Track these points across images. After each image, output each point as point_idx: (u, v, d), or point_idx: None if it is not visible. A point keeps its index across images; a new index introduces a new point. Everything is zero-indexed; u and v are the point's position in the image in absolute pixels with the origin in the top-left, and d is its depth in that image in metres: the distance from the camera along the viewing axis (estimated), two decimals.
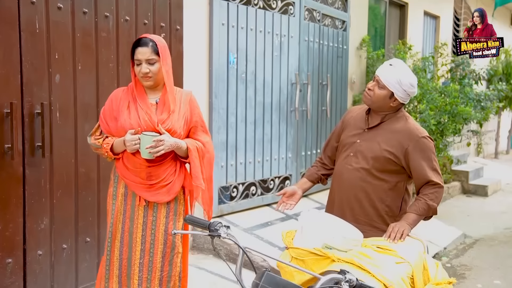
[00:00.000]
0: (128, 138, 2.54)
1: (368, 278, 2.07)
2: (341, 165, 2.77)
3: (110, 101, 2.70)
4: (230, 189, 5.00)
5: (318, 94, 6.12)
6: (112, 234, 2.70)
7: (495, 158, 12.05)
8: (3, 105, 3.00)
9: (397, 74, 2.61)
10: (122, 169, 2.66)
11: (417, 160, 2.61)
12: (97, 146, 2.70)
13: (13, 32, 3.03)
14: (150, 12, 3.92)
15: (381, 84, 2.63)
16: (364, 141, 2.71)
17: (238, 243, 1.85)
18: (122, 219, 2.68)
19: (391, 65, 2.65)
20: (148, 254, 2.66)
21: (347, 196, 2.72)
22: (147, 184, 2.62)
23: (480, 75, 8.48)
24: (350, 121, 2.84)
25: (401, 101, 2.66)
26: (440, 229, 6.23)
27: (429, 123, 6.35)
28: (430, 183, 2.63)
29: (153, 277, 2.67)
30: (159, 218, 2.67)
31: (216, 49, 4.69)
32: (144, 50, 2.59)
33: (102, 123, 2.70)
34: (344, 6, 6.59)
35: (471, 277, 4.87)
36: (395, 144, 2.63)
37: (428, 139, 2.67)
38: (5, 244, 3.05)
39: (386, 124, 2.70)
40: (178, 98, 2.70)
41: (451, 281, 2.30)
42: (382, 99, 2.65)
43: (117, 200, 2.70)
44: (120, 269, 2.67)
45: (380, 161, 2.65)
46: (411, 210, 2.63)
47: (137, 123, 2.59)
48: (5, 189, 3.03)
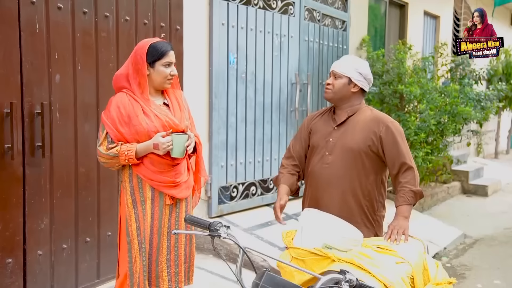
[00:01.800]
0: (163, 140, 2.58)
1: (368, 278, 2.07)
2: (317, 166, 2.79)
3: (117, 107, 2.63)
4: (230, 189, 5.00)
5: (318, 94, 6.12)
6: (145, 239, 2.66)
7: (495, 158, 12.05)
8: (3, 105, 3.00)
9: (349, 61, 2.80)
10: (147, 172, 2.66)
11: (390, 143, 2.70)
12: (114, 155, 2.61)
13: (13, 32, 3.03)
14: (150, 12, 3.92)
15: (337, 74, 2.78)
16: (336, 138, 2.76)
17: (238, 243, 1.85)
18: (150, 222, 2.69)
19: (341, 59, 2.86)
20: (173, 250, 2.75)
21: (329, 195, 2.74)
22: (175, 182, 2.70)
23: (480, 75, 8.47)
24: (316, 125, 2.89)
25: (361, 86, 2.78)
26: (440, 229, 6.24)
27: (429, 123, 6.34)
28: (403, 168, 2.68)
29: (179, 270, 2.78)
30: (181, 213, 2.77)
31: (216, 49, 4.69)
32: (173, 53, 2.70)
33: (112, 131, 2.63)
34: (344, 6, 6.59)
35: (471, 277, 4.87)
36: (368, 132, 2.72)
37: (397, 124, 2.79)
38: (5, 244, 3.05)
39: (354, 117, 2.79)
40: (180, 98, 2.83)
41: (451, 281, 2.30)
42: (342, 88, 2.76)
43: (146, 204, 2.68)
44: (150, 272, 2.71)
45: (356, 155, 2.70)
46: (400, 202, 2.66)
47: (162, 125, 2.63)
48: (5, 189, 3.03)
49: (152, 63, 2.64)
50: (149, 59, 2.64)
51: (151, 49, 2.64)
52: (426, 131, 6.38)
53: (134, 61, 2.66)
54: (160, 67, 2.65)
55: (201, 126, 4.61)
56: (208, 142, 4.74)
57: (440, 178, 8.20)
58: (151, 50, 2.64)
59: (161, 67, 2.65)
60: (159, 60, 2.64)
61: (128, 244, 2.71)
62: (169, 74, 2.67)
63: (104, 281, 3.64)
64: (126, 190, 2.70)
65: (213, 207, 4.79)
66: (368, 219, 2.76)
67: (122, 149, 2.60)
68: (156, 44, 2.66)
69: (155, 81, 2.68)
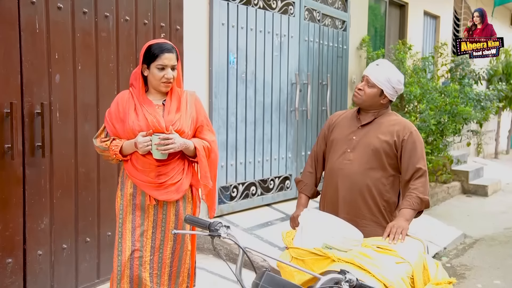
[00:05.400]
0: (141, 140, 2.56)
1: (368, 278, 2.07)
2: (338, 162, 2.81)
3: (116, 103, 2.70)
4: (230, 189, 5.00)
5: (318, 94, 6.12)
6: (122, 235, 2.70)
7: (495, 158, 12.05)
8: (3, 105, 3.00)
9: (386, 72, 2.76)
10: (131, 169, 2.68)
11: (410, 148, 2.73)
12: (104, 149, 2.70)
13: (13, 32, 3.03)
14: (150, 12, 3.92)
15: (370, 83, 2.77)
16: (360, 137, 2.80)
17: (238, 243, 1.85)
18: (131, 218, 2.69)
19: (378, 65, 2.80)
20: (158, 251, 2.72)
21: (350, 191, 2.76)
22: (156, 183, 2.65)
23: (480, 75, 8.48)
24: (339, 122, 2.92)
25: (390, 98, 2.81)
26: (440, 229, 6.24)
27: (429, 123, 6.35)
28: (416, 175, 2.71)
29: (163, 273, 2.73)
30: (169, 216, 2.72)
31: (216, 49, 4.69)
32: (171, 56, 2.63)
33: (108, 125, 2.70)
34: (344, 6, 6.59)
35: (471, 277, 4.87)
36: (392, 134, 2.76)
37: (419, 133, 2.83)
38: (5, 244, 3.05)
39: (379, 119, 2.83)
40: (184, 99, 2.75)
41: (451, 281, 2.30)
42: (372, 97, 2.78)
43: (125, 199, 2.71)
44: (131, 268, 2.68)
45: (379, 154, 2.74)
46: (405, 205, 2.67)
47: (146, 125, 2.61)
48: (5, 189, 3.03)
49: (148, 64, 2.63)
50: (145, 60, 2.64)
51: (148, 50, 2.63)
52: (426, 131, 6.38)
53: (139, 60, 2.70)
54: (154, 69, 2.62)
55: None
56: None
57: (440, 178, 8.20)
58: (147, 51, 2.63)
59: (155, 69, 2.62)
60: (153, 62, 2.62)
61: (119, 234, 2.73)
62: (163, 77, 2.62)
63: (104, 281, 3.64)
64: (119, 184, 2.77)
65: None
66: (385, 219, 2.77)
67: (112, 144, 2.66)
68: (153, 45, 2.64)
69: (151, 82, 2.67)
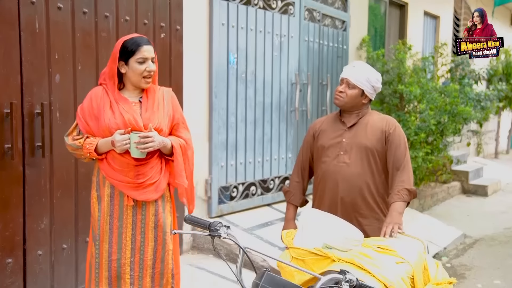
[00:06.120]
0: (119, 138, 2.50)
1: (368, 278, 2.07)
2: (333, 165, 2.88)
3: (90, 99, 2.61)
4: (230, 189, 5.00)
5: (318, 94, 6.12)
6: (100, 236, 2.64)
7: (495, 158, 12.05)
8: (3, 105, 3.00)
9: (364, 73, 2.87)
10: (108, 169, 2.61)
11: (396, 143, 2.86)
12: (76, 147, 2.61)
13: (13, 32, 3.03)
14: (150, 12, 3.92)
15: (351, 84, 2.87)
16: (350, 138, 2.88)
17: (238, 243, 1.84)
18: (109, 220, 2.63)
19: (354, 67, 2.90)
20: (138, 252, 2.65)
21: (349, 193, 2.83)
22: (135, 183, 2.59)
23: (480, 75, 8.47)
24: (323, 128, 3.00)
25: (370, 97, 2.92)
26: (440, 229, 6.24)
27: (429, 123, 6.34)
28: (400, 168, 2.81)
29: (144, 275, 2.66)
30: (148, 217, 2.65)
31: (216, 49, 4.69)
32: (150, 48, 2.59)
33: (81, 122, 2.62)
34: (344, 6, 6.59)
35: (471, 277, 4.87)
36: (380, 131, 2.87)
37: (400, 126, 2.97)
38: (5, 244, 3.05)
39: (363, 119, 2.92)
40: (160, 96, 2.69)
41: (451, 281, 2.30)
42: (354, 98, 2.88)
43: (103, 201, 2.64)
44: (109, 271, 2.63)
45: (372, 152, 2.85)
46: (395, 199, 2.76)
47: (123, 122, 2.55)
48: (5, 189, 3.03)
49: (126, 60, 2.57)
50: (121, 56, 2.57)
51: (124, 46, 2.57)
52: (426, 131, 6.38)
53: (111, 58, 2.61)
54: (134, 64, 2.56)
55: (201, 126, 4.61)
56: (208, 142, 4.74)
57: (440, 178, 8.20)
58: (124, 47, 2.57)
59: (135, 63, 2.56)
60: (132, 56, 2.56)
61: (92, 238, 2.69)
62: (144, 70, 2.57)
63: None
64: (93, 184, 2.69)
65: (213, 207, 4.79)
66: (384, 214, 2.88)
67: (85, 142, 2.59)
68: (128, 40, 2.58)
69: (130, 78, 2.60)
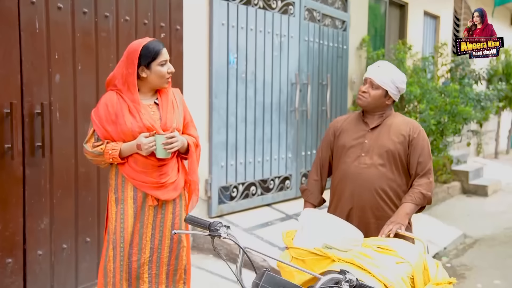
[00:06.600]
0: (145, 141, 2.54)
1: (368, 278, 2.07)
2: (353, 166, 2.81)
3: (105, 105, 2.63)
4: (230, 189, 5.00)
5: (318, 94, 6.12)
6: (124, 238, 2.65)
7: (495, 158, 12.04)
8: (3, 105, 3.00)
9: (389, 73, 2.80)
10: (130, 171, 2.64)
11: (419, 147, 2.80)
12: (98, 153, 2.62)
13: (13, 32, 3.03)
14: (150, 12, 3.92)
15: (375, 85, 2.80)
16: (372, 140, 2.82)
17: (238, 243, 1.84)
18: (132, 222, 2.66)
19: (379, 67, 2.83)
20: (156, 251, 2.70)
21: (368, 195, 2.78)
22: (159, 183, 2.64)
23: (480, 75, 8.47)
24: (345, 127, 2.94)
25: (394, 98, 2.85)
26: (440, 229, 6.23)
27: (429, 123, 6.34)
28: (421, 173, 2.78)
29: (160, 272, 2.72)
30: (167, 215, 2.71)
31: (216, 49, 4.69)
32: (166, 50, 2.66)
33: (99, 128, 2.63)
34: (344, 6, 6.59)
35: (471, 277, 4.87)
36: (403, 134, 2.81)
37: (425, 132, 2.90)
38: (5, 244, 3.05)
39: (386, 121, 2.86)
40: (172, 96, 2.76)
41: (451, 281, 2.30)
42: (378, 99, 2.82)
43: (126, 204, 2.65)
44: (130, 272, 2.66)
45: (394, 155, 2.78)
46: (407, 200, 2.74)
47: (145, 126, 2.60)
48: (5, 189, 3.03)
49: (147, 64, 2.60)
50: (143, 61, 2.59)
51: (144, 51, 2.59)
52: (426, 131, 6.37)
53: (126, 64, 2.61)
54: (157, 67, 2.61)
55: (201, 126, 4.61)
56: (208, 142, 4.74)
57: (440, 178, 8.20)
58: (144, 52, 2.59)
59: (158, 67, 2.61)
60: (154, 60, 2.60)
61: (107, 242, 2.69)
62: (166, 73, 2.64)
63: None
64: (111, 187, 2.70)
65: (213, 207, 4.79)
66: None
67: (107, 148, 2.60)
68: (148, 45, 2.61)
69: (153, 82, 2.64)
